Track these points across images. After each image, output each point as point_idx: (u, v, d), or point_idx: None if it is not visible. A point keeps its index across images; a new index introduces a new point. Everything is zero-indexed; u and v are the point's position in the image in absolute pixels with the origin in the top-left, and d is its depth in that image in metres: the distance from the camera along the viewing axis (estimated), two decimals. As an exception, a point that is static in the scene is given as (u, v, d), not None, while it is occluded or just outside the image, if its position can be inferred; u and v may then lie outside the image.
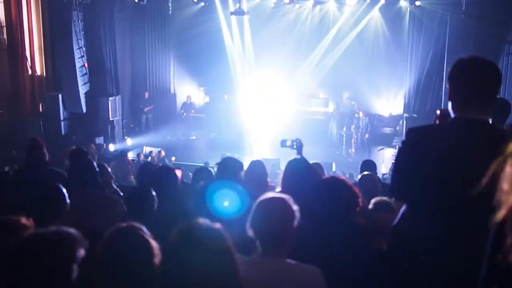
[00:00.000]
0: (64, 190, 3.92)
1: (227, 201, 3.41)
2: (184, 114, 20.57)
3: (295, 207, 3.08)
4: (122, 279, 2.51)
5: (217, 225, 2.39)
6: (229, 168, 5.26)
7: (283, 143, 5.45)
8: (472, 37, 14.77)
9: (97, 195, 4.53)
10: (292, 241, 3.03)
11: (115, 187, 5.81)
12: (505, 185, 1.20)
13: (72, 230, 2.19)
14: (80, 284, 2.21)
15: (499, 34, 14.54)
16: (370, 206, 4.66)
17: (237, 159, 5.57)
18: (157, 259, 2.67)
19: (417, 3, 16.34)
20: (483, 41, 14.71)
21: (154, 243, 2.70)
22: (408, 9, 17.46)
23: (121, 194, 5.62)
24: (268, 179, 6.75)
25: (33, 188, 4.06)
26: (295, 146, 5.37)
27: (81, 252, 2.19)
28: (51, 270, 2.13)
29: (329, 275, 3.04)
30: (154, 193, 4.24)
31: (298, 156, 5.17)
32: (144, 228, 2.75)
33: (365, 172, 6.43)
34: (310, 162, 6.56)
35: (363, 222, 3.97)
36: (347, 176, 14.53)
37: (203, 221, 2.40)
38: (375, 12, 18.65)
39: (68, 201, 3.91)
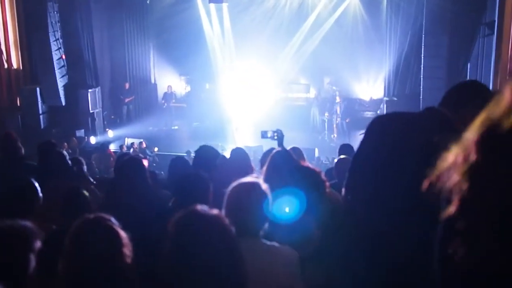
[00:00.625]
0: (37, 184, 3.91)
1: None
2: (165, 104, 20.48)
3: (266, 188, 3.13)
4: (90, 269, 2.52)
5: (215, 211, 2.38)
6: (205, 156, 5.28)
7: (263, 134, 5.43)
8: (449, 19, 14.86)
9: (69, 186, 4.53)
10: (267, 221, 3.08)
11: (91, 179, 5.80)
12: (455, 176, 1.17)
13: (27, 223, 2.18)
14: (46, 276, 2.22)
15: (475, 16, 14.62)
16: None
17: (213, 147, 5.57)
18: (127, 249, 2.68)
19: (395, -13, 16.40)
20: (459, 23, 14.80)
21: (123, 233, 2.71)
22: (386, -7, 17.52)
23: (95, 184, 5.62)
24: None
25: (6, 182, 4.04)
26: (276, 137, 5.35)
27: (37, 243, 2.19)
28: (6, 262, 2.13)
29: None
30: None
31: (280, 148, 5.17)
32: (112, 219, 2.76)
33: (342, 156, 6.49)
34: (289, 147, 6.60)
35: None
36: (329, 160, 14.62)
37: (201, 207, 2.41)
38: (353, -3, 18.69)
39: (40, 195, 3.90)
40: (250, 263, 2.67)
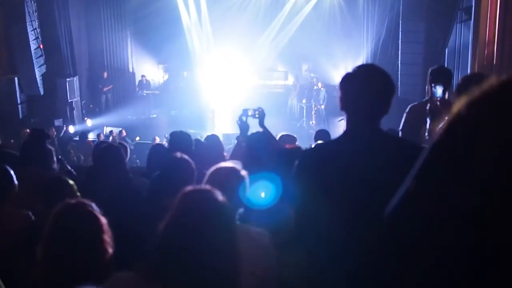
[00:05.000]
0: (12, 172, 3.91)
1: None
2: (139, 92, 20.42)
3: (245, 174, 3.19)
4: (69, 253, 2.57)
5: (216, 190, 2.38)
6: (179, 142, 5.32)
7: (244, 112, 5.41)
8: (426, 5, 14.93)
9: (47, 175, 4.55)
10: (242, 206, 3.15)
11: (69, 167, 5.81)
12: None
13: None
14: (24, 260, 2.26)
15: (452, 1, 14.72)
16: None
17: (186, 133, 5.59)
18: (107, 236, 2.73)
19: (371, -27, 16.46)
20: (436, 8, 14.88)
21: (103, 219, 2.76)
22: (362, -21, 17.59)
23: (75, 174, 5.63)
24: (225, 153, 6.84)
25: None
26: (257, 115, 5.33)
27: None
28: None
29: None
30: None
31: (261, 129, 5.18)
32: (93, 205, 2.81)
33: (319, 141, 6.54)
34: (280, 134, 6.64)
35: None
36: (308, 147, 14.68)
37: (200, 187, 2.43)
38: (330, -17, 18.74)
39: (16, 182, 3.91)
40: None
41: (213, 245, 2.23)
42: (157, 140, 15.44)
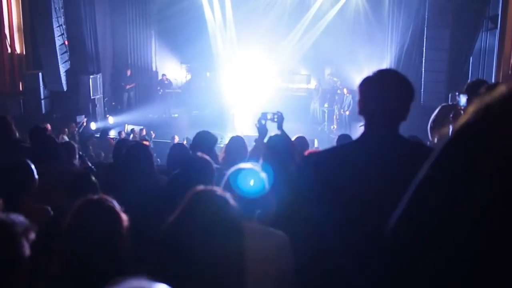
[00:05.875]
0: (33, 166, 3.93)
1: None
2: (161, 90, 20.51)
3: (264, 176, 3.19)
4: (88, 249, 2.58)
5: (226, 194, 2.41)
6: (202, 141, 5.33)
7: (263, 116, 5.44)
8: (451, 12, 14.81)
9: (66, 171, 4.58)
10: (261, 208, 3.15)
11: (89, 164, 5.85)
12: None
13: (19, 217, 2.20)
14: (43, 255, 2.27)
15: (478, 9, 14.59)
16: None
17: (210, 133, 5.61)
18: (125, 231, 2.74)
19: (397, -21, 16.36)
20: (462, 16, 14.76)
21: (123, 216, 2.77)
22: (388, -15, 17.50)
23: (95, 170, 5.66)
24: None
25: (2, 163, 4.06)
26: (276, 119, 5.35)
27: (31, 236, 2.21)
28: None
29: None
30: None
31: (279, 132, 5.20)
32: (114, 201, 2.82)
33: (340, 146, 6.52)
34: (294, 137, 6.66)
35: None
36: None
37: (210, 188, 2.45)
38: (356, -12, 18.67)
39: (36, 176, 3.93)
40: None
41: (217, 246, 2.24)
42: (176, 139, 15.52)
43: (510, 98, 1.09)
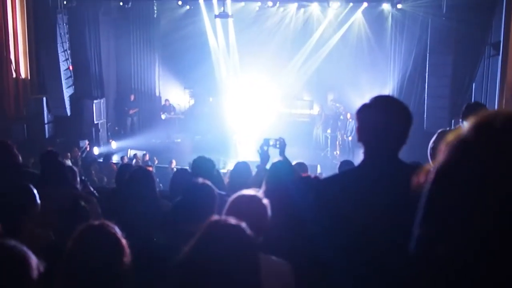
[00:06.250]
0: (35, 191, 3.92)
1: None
2: (164, 115, 20.56)
3: (267, 203, 3.19)
4: (89, 274, 2.57)
5: (242, 223, 2.40)
6: (201, 167, 5.34)
7: (265, 142, 5.44)
8: (453, 39, 14.90)
9: (70, 195, 4.57)
10: (264, 234, 3.13)
11: (91, 189, 5.84)
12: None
13: (17, 245, 2.20)
14: (46, 278, 2.26)
15: (480, 36, 14.68)
16: None
17: (209, 159, 5.62)
18: (127, 258, 2.73)
19: (399, 6, 16.46)
20: (464, 43, 14.85)
21: (124, 242, 2.76)
22: (390, 12, 17.60)
23: (97, 195, 5.65)
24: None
25: (4, 188, 4.05)
26: (278, 145, 5.36)
27: (33, 261, 2.21)
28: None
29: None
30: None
31: (281, 158, 5.20)
32: (116, 227, 2.81)
33: (342, 172, 6.51)
34: (294, 162, 6.66)
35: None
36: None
37: (227, 218, 2.43)
38: (358, 15, 18.76)
39: (38, 201, 3.91)
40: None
41: (234, 277, 2.22)
42: (174, 164, 15.56)
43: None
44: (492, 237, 1.03)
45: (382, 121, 2.67)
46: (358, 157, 16.42)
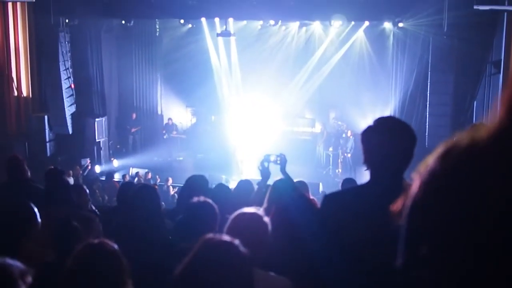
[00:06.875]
0: (36, 209, 3.88)
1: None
2: (166, 135, 20.56)
3: (267, 220, 3.17)
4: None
5: (236, 241, 2.40)
6: (194, 186, 5.33)
7: (266, 158, 5.42)
8: (454, 57, 14.95)
9: (72, 213, 4.53)
10: (265, 252, 3.11)
11: (93, 207, 5.81)
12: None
13: (14, 263, 2.19)
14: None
15: (481, 55, 14.72)
16: None
17: (202, 176, 5.63)
18: (126, 276, 2.70)
19: (400, 24, 16.52)
20: (465, 61, 14.89)
21: (124, 260, 2.74)
22: (392, 30, 17.67)
23: (98, 213, 5.62)
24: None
25: (8, 204, 4.03)
26: (278, 161, 5.33)
27: (28, 280, 2.19)
28: None
29: None
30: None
31: (282, 175, 5.18)
32: (115, 246, 2.79)
33: (345, 190, 6.48)
34: (295, 180, 6.62)
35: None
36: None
37: (221, 236, 2.43)
38: (360, 34, 18.85)
39: (39, 220, 3.86)
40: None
41: None
42: (170, 181, 15.55)
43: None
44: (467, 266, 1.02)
45: (386, 143, 2.67)
46: (360, 174, 16.40)
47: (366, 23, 18.19)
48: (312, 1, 16.35)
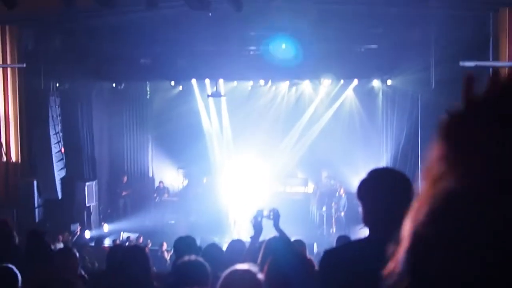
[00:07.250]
0: (17, 273, 3.76)
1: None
2: (157, 198, 20.37)
3: (261, 277, 3.04)
4: None
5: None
6: (182, 246, 5.25)
7: (259, 213, 5.35)
8: (443, 113, 14.99)
9: (53, 276, 4.36)
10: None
11: (82, 272, 5.63)
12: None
13: None
14: None
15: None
16: None
17: (186, 236, 5.57)
18: None
19: (389, 82, 16.70)
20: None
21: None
22: (381, 88, 17.84)
23: (86, 278, 5.44)
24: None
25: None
26: (271, 217, 5.28)
27: None
28: None
29: None
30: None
31: (276, 230, 5.11)
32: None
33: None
34: (292, 239, 6.51)
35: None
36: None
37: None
38: (349, 92, 19.03)
39: (19, 284, 3.74)
40: None
41: None
42: (165, 246, 15.28)
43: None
44: None
45: (382, 197, 2.61)
46: (354, 233, 16.19)
47: (355, 81, 18.37)
48: (302, 60, 16.51)
